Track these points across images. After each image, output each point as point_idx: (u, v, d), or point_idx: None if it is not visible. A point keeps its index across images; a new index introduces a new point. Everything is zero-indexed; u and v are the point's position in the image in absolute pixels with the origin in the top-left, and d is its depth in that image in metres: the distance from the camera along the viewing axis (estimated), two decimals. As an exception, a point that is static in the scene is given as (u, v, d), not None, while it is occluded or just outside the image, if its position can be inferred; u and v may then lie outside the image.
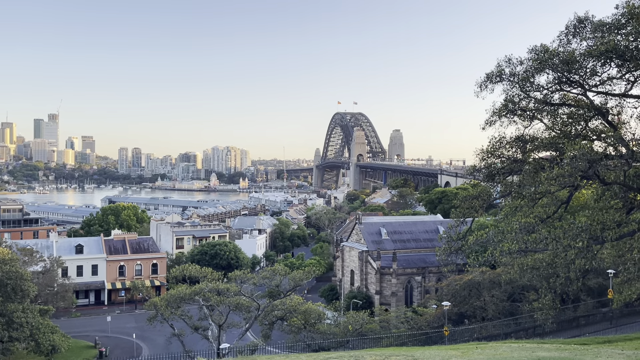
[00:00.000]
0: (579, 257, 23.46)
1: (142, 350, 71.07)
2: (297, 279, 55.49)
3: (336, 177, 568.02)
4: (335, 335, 55.08)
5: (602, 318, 54.46)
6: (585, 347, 23.16)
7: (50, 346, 53.14)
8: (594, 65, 24.42)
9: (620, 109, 25.85)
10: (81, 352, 68.52)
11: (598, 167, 23.31)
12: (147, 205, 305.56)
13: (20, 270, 55.34)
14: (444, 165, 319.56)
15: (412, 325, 60.15)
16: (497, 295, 59.16)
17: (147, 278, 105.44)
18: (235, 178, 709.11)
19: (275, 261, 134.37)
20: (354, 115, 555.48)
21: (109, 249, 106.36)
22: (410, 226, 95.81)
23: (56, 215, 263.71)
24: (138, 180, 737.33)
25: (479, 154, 27.30)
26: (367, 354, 19.31)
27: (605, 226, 23.67)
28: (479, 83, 26.69)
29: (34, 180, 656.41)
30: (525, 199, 26.18)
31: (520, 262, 26.82)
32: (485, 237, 27.49)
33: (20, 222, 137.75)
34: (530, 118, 27.15)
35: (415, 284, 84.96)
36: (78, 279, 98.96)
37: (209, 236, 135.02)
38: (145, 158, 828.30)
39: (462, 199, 28.75)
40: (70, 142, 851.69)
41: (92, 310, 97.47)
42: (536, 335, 49.73)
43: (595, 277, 53.97)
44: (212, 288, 54.61)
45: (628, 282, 27.20)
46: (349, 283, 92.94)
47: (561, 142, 25.20)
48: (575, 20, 24.56)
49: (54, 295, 74.81)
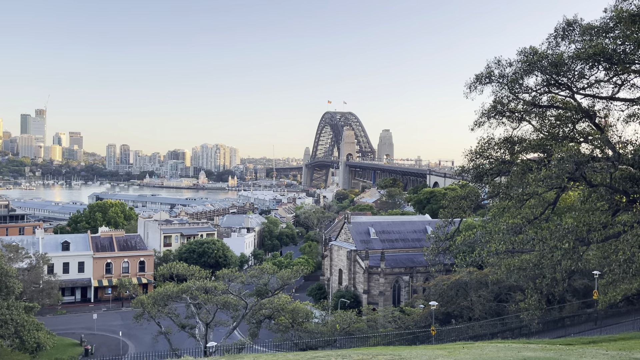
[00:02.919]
0: (565, 258, 23.67)
1: (129, 348, 70.63)
2: (285, 277, 55.42)
3: (325, 176, 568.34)
4: (323, 334, 55.07)
5: (587, 319, 54.90)
6: (570, 348, 23.35)
7: (35, 344, 52.60)
8: (582, 68, 24.64)
9: (607, 111, 26.12)
10: (66, 350, 67.93)
11: (585, 169, 23.52)
12: (135, 202, 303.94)
13: (6, 267, 54.81)
14: (432, 166, 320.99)
15: (400, 325, 60.32)
16: (484, 295, 59.48)
17: (134, 276, 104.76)
18: (224, 176, 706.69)
19: (263, 260, 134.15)
20: (344, 114, 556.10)
21: (95, 246, 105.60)
22: (399, 226, 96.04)
23: (42, 212, 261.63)
24: (126, 177, 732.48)
25: (467, 154, 27.44)
26: (354, 353, 19.33)
27: (591, 228, 23.89)
28: (468, 84, 26.82)
29: (20, 176, 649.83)
30: (512, 200, 26.36)
31: (507, 262, 27.01)
32: (472, 237, 27.67)
33: (6, 218, 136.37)
34: (519, 120, 27.34)
35: (403, 283, 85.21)
36: (64, 276, 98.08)
37: (197, 234, 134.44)
38: (134, 155, 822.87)
39: (451, 199, 28.90)
40: (58, 138, 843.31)
41: (78, 308, 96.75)
42: (522, 335, 50.09)
43: (580, 278, 54.40)
44: (199, 286, 54.40)
45: (613, 284, 27.46)
46: (337, 282, 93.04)
47: (549, 144, 25.41)
48: (564, 23, 24.77)
49: (39, 292, 74.09)
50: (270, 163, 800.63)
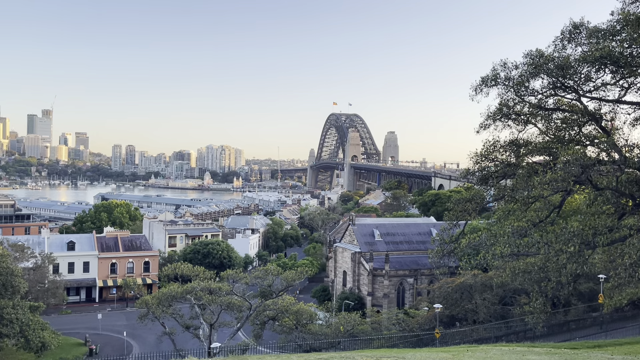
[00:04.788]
0: (570, 262, 23.56)
1: (133, 348, 70.78)
2: (290, 279, 55.41)
3: (330, 177, 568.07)
4: (327, 336, 55.04)
5: (593, 323, 54.65)
6: (575, 351, 23.25)
7: (40, 343, 52.78)
8: (589, 71, 24.56)
9: (614, 115, 26.01)
10: (71, 350, 68.14)
11: (591, 173, 23.43)
12: (140, 203, 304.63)
13: (11, 266, 54.97)
14: (437, 168, 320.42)
15: (404, 327, 60.23)
16: (489, 298, 59.31)
17: (138, 276, 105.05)
18: (229, 177, 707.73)
19: (267, 261, 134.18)
20: (349, 116, 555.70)
21: (101, 246, 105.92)
22: (404, 228, 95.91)
23: (48, 212, 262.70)
24: (131, 177, 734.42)
25: (473, 157, 27.37)
26: (358, 355, 19.30)
27: (597, 231, 23.78)
28: (474, 86, 26.79)
29: (26, 176, 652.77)
30: (518, 203, 26.28)
31: (512, 265, 26.92)
32: (477, 240, 27.56)
33: (12, 217, 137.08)
34: (525, 122, 27.26)
35: (408, 285, 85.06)
36: (69, 275, 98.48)
37: (202, 235, 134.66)
38: (139, 155, 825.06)
39: (456, 201, 28.82)
40: (64, 138, 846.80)
41: (82, 308, 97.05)
42: (527, 338, 49.85)
43: (586, 282, 54.20)
44: (204, 287, 54.46)
45: (619, 287, 27.32)
46: (341, 284, 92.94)
47: (555, 147, 25.32)
48: (570, 26, 24.69)
49: (44, 292, 74.36)
50: (275, 164, 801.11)
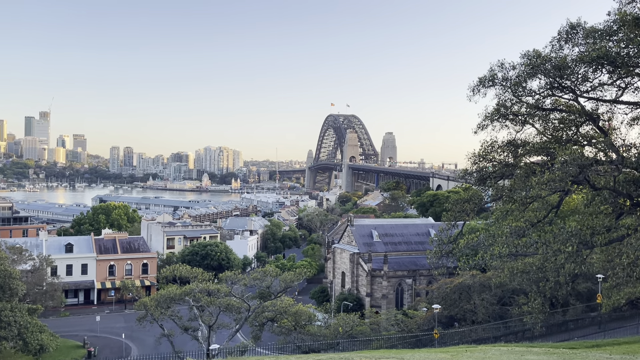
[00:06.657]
0: (568, 262, 23.61)
1: (131, 350, 70.66)
2: (288, 280, 55.45)
3: (328, 179, 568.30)
4: (326, 337, 55.03)
5: (591, 322, 54.72)
6: (573, 351, 23.28)
7: (39, 345, 52.75)
8: (586, 71, 24.61)
9: (611, 115, 26.06)
10: (69, 352, 68.06)
11: (588, 173, 23.49)
12: (139, 204, 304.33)
13: (9, 269, 54.95)
14: (436, 169, 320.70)
15: (402, 328, 60.24)
16: (487, 298, 59.36)
17: (137, 278, 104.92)
18: (227, 179, 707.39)
19: (266, 262, 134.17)
20: (347, 117, 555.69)
21: (99, 248, 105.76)
22: (402, 229, 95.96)
23: (46, 214, 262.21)
24: (129, 179, 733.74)
25: (470, 157, 27.40)
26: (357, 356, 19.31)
27: (595, 231, 23.83)
28: (471, 87, 26.81)
29: (24, 178, 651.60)
30: (516, 203, 26.31)
31: (511, 265, 26.96)
32: (476, 240, 27.61)
33: (10, 220, 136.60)
34: (522, 123, 27.31)
35: (406, 286, 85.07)
36: (67, 278, 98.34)
37: (200, 236, 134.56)
38: (137, 157, 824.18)
39: (454, 202, 28.87)
40: (62, 140, 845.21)
41: (81, 310, 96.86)
42: (525, 338, 49.88)
43: (584, 282, 54.24)
44: (202, 289, 54.44)
45: (617, 287, 27.35)
46: (339, 285, 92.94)
47: (552, 147, 25.37)
48: (567, 26, 24.72)
49: (42, 294, 74.23)
50: (274, 165, 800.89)
